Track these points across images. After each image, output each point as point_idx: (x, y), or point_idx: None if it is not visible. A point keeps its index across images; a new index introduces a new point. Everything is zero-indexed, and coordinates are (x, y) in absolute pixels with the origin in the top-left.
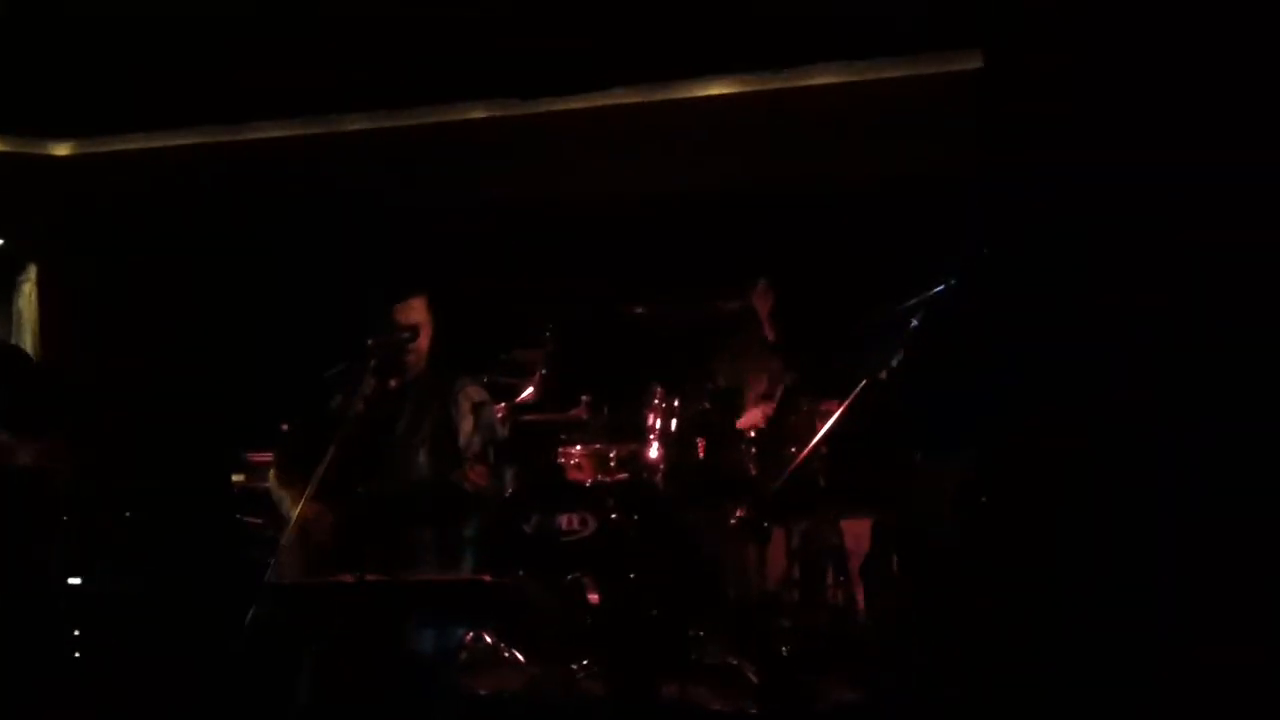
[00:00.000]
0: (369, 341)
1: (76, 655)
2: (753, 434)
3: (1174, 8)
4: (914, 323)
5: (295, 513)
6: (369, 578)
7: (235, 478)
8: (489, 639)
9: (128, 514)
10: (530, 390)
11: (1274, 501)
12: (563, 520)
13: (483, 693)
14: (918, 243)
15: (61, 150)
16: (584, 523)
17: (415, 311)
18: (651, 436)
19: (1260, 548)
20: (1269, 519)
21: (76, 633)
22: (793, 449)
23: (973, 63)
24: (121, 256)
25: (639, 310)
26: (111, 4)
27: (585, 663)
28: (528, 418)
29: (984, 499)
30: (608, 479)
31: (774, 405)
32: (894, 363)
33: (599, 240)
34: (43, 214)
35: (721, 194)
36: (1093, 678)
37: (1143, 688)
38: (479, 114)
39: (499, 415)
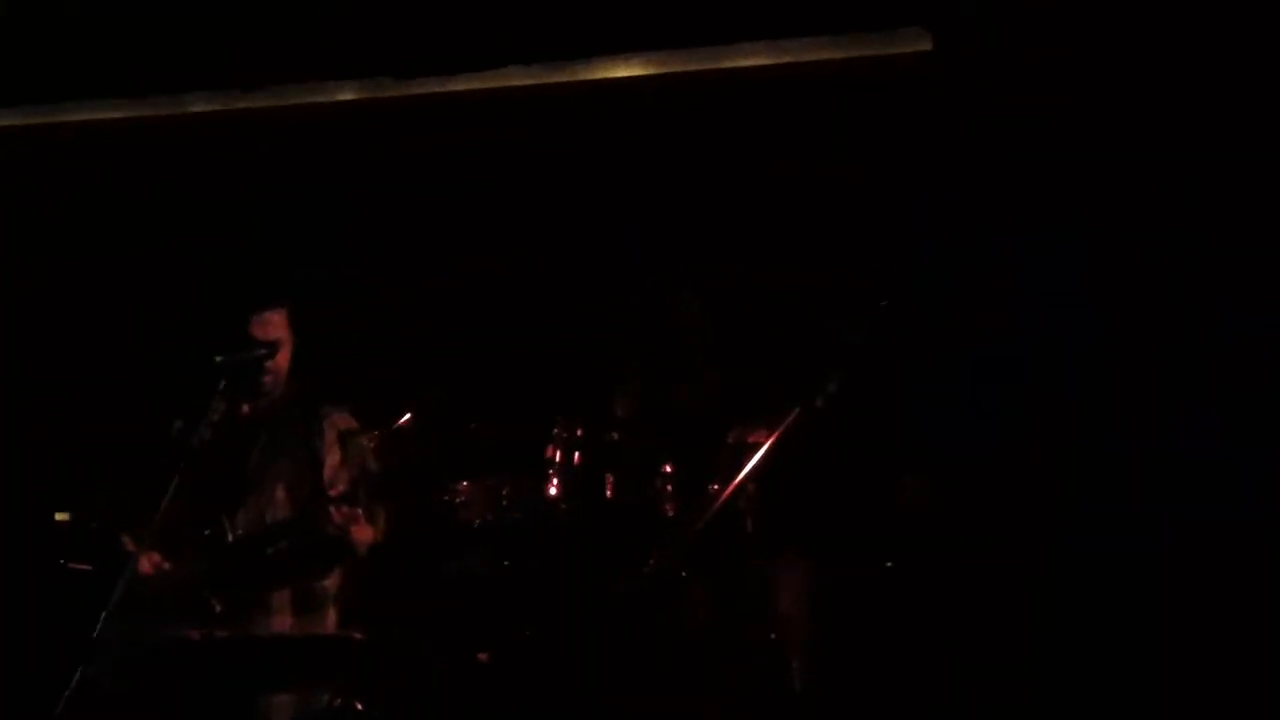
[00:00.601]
0: (217, 359)
1: None
2: (669, 469)
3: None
4: (855, 341)
5: (132, 558)
6: (218, 634)
7: (59, 515)
8: (358, 706)
9: None
10: (408, 416)
11: (1270, 502)
12: (446, 568)
13: None
14: (859, 247)
15: None
16: (469, 569)
17: (274, 325)
18: (550, 471)
19: (1257, 548)
20: (1266, 519)
21: None
22: (716, 487)
23: (921, 44)
24: None
25: (539, 323)
26: None
27: None
28: (406, 449)
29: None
30: (499, 519)
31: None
32: (832, 388)
33: (487, 243)
34: None
35: (633, 191)
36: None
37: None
38: (348, 95)
39: (371, 446)
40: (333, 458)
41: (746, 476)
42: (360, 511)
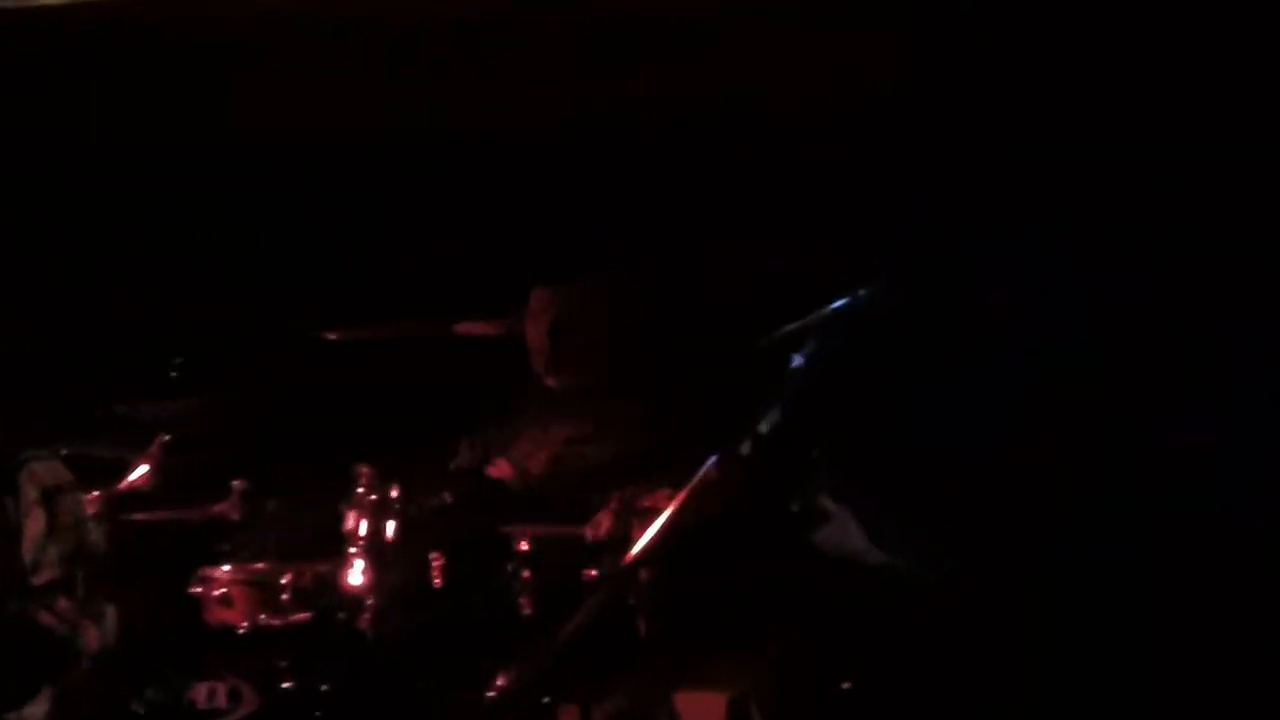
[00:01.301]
0: None
1: None
2: (525, 547)
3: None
4: (797, 360)
5: None
6: None
7: None
8: None
9: None
10: (144, 470)
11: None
12: (200, 692)
13: None
14: (811, 224)
15: None
16: (236, 696)
17: None
18: (353, 549)
19: (1257, 551)
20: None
21: None
22: (594, 573)
23: None
24: None
25: (334, 336)
26: None
27: None
28: (139, 517)
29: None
30: (278, 621)
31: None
32: (765, 427)
33: (274, 216)
34: None
35: (495, 138)
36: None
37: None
38: None
39: (91, 512)
40: (34, 526)
41: (639, 556)
42: (76, 605)
